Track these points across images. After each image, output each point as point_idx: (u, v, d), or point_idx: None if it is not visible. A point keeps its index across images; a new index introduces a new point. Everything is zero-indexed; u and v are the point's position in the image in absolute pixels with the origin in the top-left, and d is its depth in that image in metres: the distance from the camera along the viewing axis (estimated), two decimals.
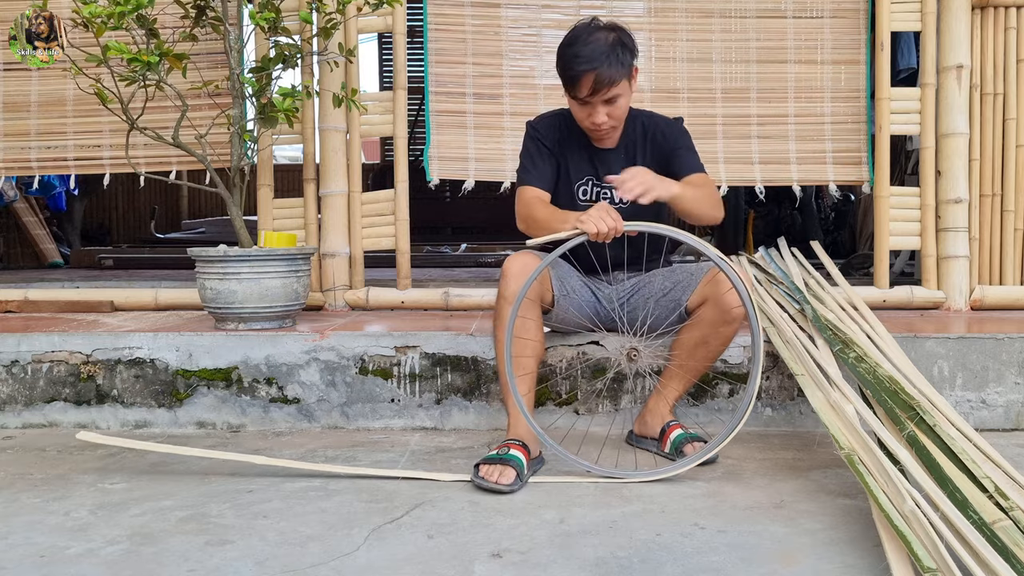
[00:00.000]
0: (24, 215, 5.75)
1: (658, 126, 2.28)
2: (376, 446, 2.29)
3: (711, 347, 2.15)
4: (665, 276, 2.25)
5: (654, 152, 2.26)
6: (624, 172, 1.99)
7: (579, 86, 2.08)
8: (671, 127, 2.29)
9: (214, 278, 2.54)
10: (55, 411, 2.51)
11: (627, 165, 2.21)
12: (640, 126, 2.28)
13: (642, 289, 2.28)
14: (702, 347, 2.15)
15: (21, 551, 1.57)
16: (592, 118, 2.13)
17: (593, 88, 2.06)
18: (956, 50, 3.04)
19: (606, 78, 2.05)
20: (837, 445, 1.82)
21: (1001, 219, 3.13)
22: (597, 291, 2.33)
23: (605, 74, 2.05)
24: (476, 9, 3.17)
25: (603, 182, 2.25)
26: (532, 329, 2.09)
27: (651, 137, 2.27)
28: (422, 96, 3.38)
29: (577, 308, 2.26)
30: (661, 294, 2.23)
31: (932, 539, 1.40)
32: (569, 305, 2.24)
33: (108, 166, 3.28)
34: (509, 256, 2.15)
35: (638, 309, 2.26)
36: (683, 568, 1.48)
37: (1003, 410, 2.44)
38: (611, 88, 2.07)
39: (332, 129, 3.11)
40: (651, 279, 2.28)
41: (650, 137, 2.27)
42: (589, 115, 2.13)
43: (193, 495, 1.88)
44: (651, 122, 2.29)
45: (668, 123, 2.30)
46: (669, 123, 2.30)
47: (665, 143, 2.26)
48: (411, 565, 1.49)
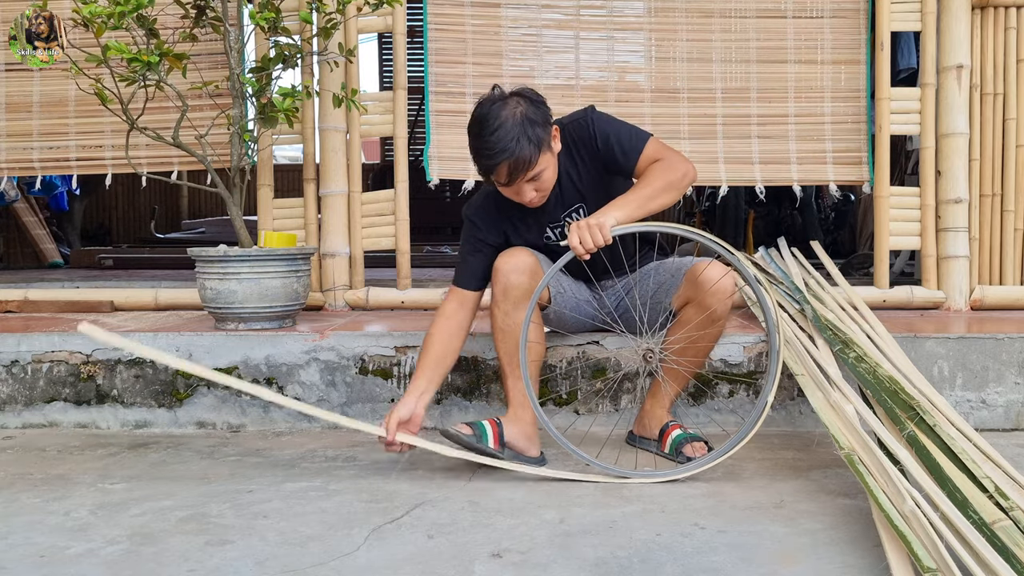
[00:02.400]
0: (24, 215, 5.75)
1: (572, 132, 2.13)
2: (376, 446, 2.28)
3: (700, 346, 2.16)
4: (652, 276, 2.23)
5: (584, 161, 2.14)
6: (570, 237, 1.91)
7: (497, 174, 2.00)
8: (584, 126, 2.12)
9: (214, 278, 2.54)
10: (55, 411, 2.52)
11: (569, 192, 2.16)
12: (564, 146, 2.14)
13: (633, 290, 2.28)
14: (691, 347, 2.15)
15: (21, 551, 1.57)
16: (520, 196, 2.05)
17: (510, 175, 1.98)
18: (956, 50, 3.04)
19: (522, 163, 1.96)
20: (837, 445, 1.82)
21: (1001, 219, 3.13)
22: (592, 291, 2.33)
23: (520, 160, 1.96)
24: (476, 9, 3.17)
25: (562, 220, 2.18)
26: (533, 330, 2.09)
27: (576, 148, 2.14)
28: (422, 96, 3.38)
29: (575, 306, 2.27)
30: (649, 294, 2.23)
31: (932, 539, 1.40)
32: (566, 303, 2.24)
33: (110, 166, 3.28)
34: (502, 252, 2.11)
35: (629, 312, 2.25)
36: (683, 568, 1.48)
37: (1003, 410, 2.44)
38: (529, 170, 1.98)
39: (332, 129, 3.11)
40: (640, 280, 2.25)
41: (574, 149, 2.14)
42: (517, 194, 2.05)
43: (193, 495, 1.88)
44: (567, 132, 2.13)
45: (578, 123, 2.13)
46: (580, 123, 2.13)
47: (587, 147, 2.12)
48: (411, 565, 1.49)
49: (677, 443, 2.12)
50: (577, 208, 2.18)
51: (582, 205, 2.18)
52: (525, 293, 2.05)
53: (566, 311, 2.26)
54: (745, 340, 2.45)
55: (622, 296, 2.29)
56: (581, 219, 1.98)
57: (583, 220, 1.92)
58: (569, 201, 2.18)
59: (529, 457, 2.06)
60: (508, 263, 2.07)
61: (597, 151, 2.11)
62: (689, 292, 2.13)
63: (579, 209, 2.18)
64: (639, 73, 3.21)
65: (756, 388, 2.44)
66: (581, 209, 2.17)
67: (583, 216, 2.14)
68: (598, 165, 2.13)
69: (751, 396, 2.44)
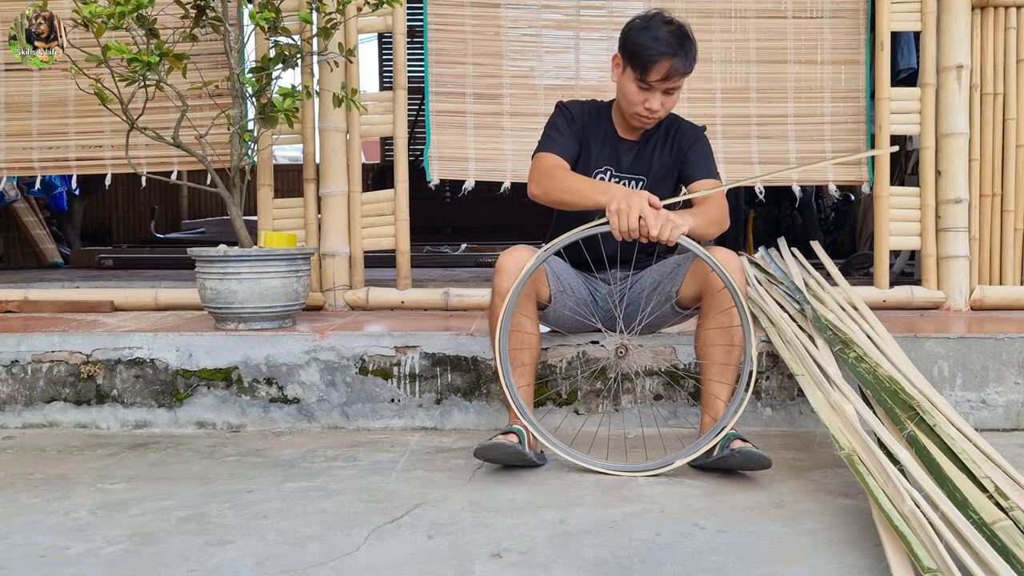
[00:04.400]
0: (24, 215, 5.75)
1: (680, 126, 2.33)
2: (376, 446, 2.29)
3: (733, 330, 2.06)
4: (655, 269, 2.27)
5: (672, 150, 2.30)
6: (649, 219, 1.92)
7: (653, 70, 2.10)
8: (693, 129, 2.33)
9: (214, 278, 2.54)
10: (55, 411, 2.52)
11: (643, 160, 2.29)
12: (663, 125, 2.32)
13: (636, 284, 2.29)
14: (724, 333, 2.07)
15: (21, 551, 1.57)
16: (649, 103, 2.15)
17: (666, 74, 2.10)
18: (956, 50, 3.04)
19: (680, 67, 2.11)
20: (837, 445, 1.82)
21: (1001, 219, 3.13)
22: (595, 291, 2.33)
23: (680, 63, 2.11)
24: (476, 9, 3.17)
25: (623, 173, 2.29)
26: (527, 324, 2.10)
27: (673, 135, 2.31)
28: (422, 96, 3.38)
29: (574, 305, 2.27)
30: (652, 287, 2.23)
31: (932, 539, 1.40)
32: (566, 301, 2.24)
33: (110, 166, 3.28)
34: (503, 251, 2.14)
35: (635, 305, 2.26)
36: (683, 568, 1.48)
37: (1003, 410, 2.44)
38: (680, 78, 2.14)
39: (332, 129, 3.11)
40: (644, 274, 2.29)
41: (672, 135, 2.31)
42: (646, 100, 2.15)
43: (193, 495, 1.88)
44: (674, 122, 2.33)
45: (691, 125, 2.35)
46: (692, 126, 2.35)
47: (684, 142, 2.29)
48: (411, 565, 1.49)
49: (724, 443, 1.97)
50: (640, 178, 2.29)
51: (644, 179, 2.29)
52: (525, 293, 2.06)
53: (566, 313, 2.26)
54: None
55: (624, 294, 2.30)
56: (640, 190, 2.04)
57: (665, 212, 1.94)
58: (639, 167, 2.29)
59: None
60: (507, 262, 2.08)
61: (686, 151, 2.28)
62: (700, 282, 2.11)
63: (640, 180, 2.29)
64: None
65: (756, 388, 2.44)
66: (642, 181, 2.29)
67: (638, 188, 2.25)
68: (676, 162, 2.29)
69: (751, 396, 2.44)
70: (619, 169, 2.30)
